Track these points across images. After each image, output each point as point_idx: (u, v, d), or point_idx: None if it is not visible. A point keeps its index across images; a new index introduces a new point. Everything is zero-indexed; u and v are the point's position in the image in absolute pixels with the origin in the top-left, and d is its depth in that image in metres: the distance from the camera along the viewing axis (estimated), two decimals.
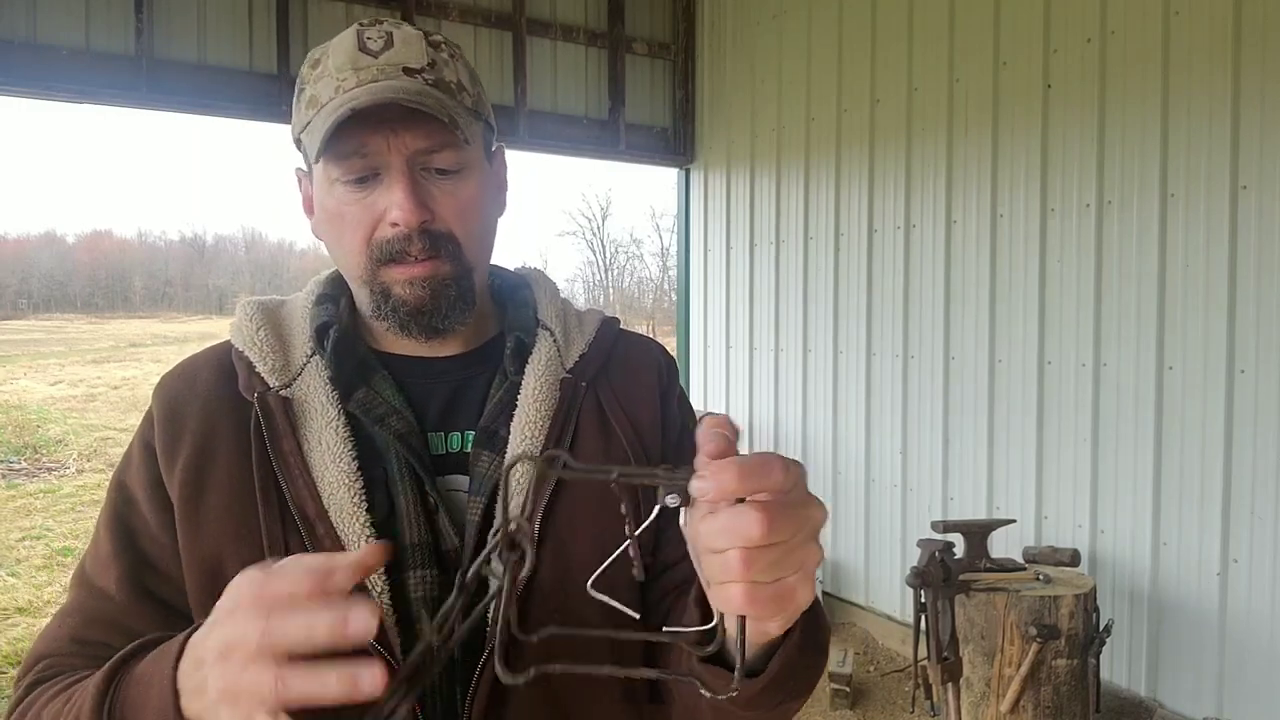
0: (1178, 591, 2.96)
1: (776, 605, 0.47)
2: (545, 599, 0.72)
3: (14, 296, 54.34)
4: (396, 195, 0.73)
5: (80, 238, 67.37)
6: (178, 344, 28.64)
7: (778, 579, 0.46)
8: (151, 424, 0.79)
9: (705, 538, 0.46)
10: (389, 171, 0.74)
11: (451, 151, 0.75)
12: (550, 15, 4.86)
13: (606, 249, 32.16)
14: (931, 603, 2.23)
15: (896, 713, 3.48)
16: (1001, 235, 3.51)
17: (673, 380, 0.91)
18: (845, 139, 4.24)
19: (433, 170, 0.76)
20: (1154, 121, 2.97)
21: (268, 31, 4.09)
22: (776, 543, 0.45)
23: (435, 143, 0.74)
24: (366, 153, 0.73)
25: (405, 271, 0.75)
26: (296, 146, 0.82)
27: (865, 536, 4.22)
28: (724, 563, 0.45)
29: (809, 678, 0.62)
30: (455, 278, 0.77)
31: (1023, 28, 3.39)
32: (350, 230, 0.76)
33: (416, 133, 0.73)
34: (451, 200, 0.76)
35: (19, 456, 9.90)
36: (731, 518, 0.45)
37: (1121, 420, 3.10)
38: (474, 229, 0.79)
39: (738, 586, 0.45)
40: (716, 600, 0.48)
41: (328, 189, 0.77)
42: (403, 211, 0.73)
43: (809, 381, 4.52)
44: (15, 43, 3.59)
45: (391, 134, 0.73)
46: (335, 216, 0.77)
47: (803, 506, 0.47)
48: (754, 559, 0.45)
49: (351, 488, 0.73)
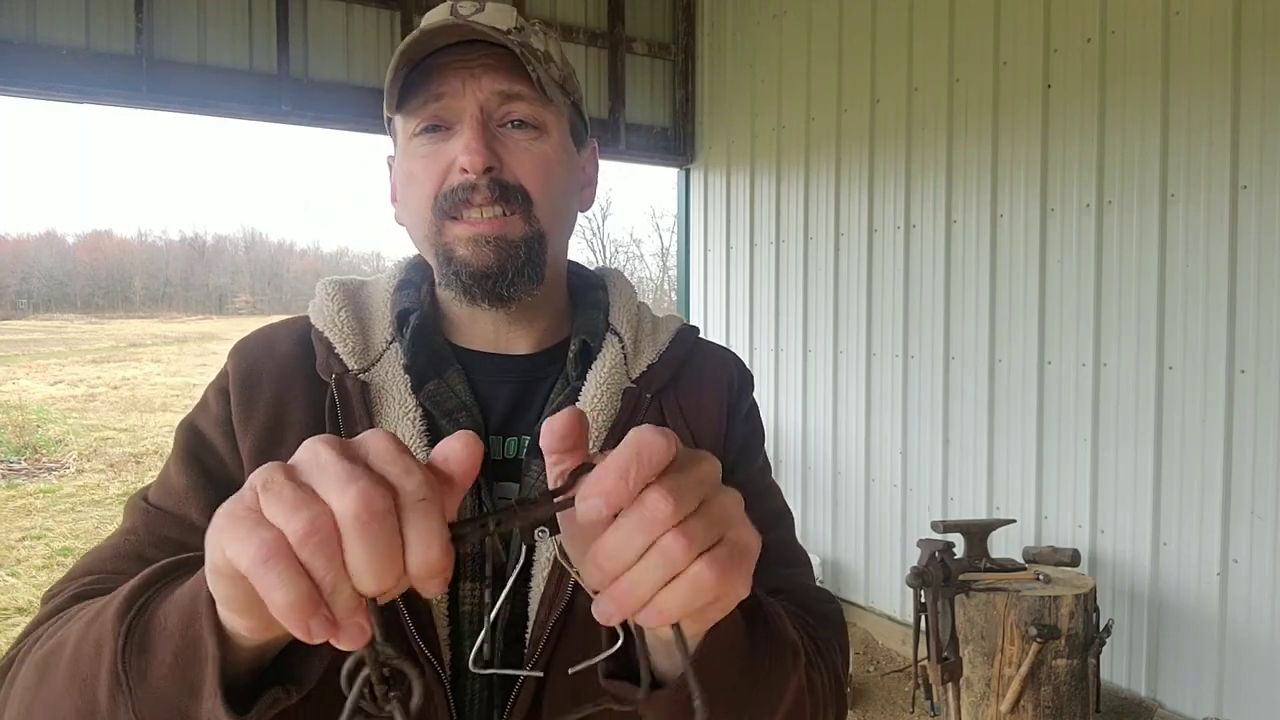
0: (1178, 592, 2.96)
1: (740, 559, 0.43)
2: (585, 621, 0.68)
3: (14, 296, 54.36)
4: (466, 137, 0.70)
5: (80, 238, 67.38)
6: (178, 344, 28.65)
7: (720, 536, 0.42)
8: (228, 378, 0.76)
9: (621, 552, 0.40)
10: (463, 119, 0.71)
11: (531, 104, 0.72)
12: (550, 15, 4.86)
13: (606, 249, 32.16)
14: (931, 603, 2.23)
15: (896, 713, 3.48)
16: (1001, 235, 3.51)
17: (743, 394, 0.86)
18: (845, 139, 4.24)
19: (510, 123, 0.72)
20: (1154, 121, 2.97)
21: (268, 31, 4.09)
22: (694, 510, 0.41)
23: (514, 88, 0.71)
24: (443, 93, 0.71)
25: (470, 229, 0.72)
26: (388, 128, 0.80)
27: (865, 536, 4.23)
28: (663, 559, 0.40)
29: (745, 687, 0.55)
30: (524, 240, 0.73)
31: (1023, 28, 3.39)
32: (420, 186, 0.73)
33: (497, 76, 0.71)
34: (527, 155, 0.72)
35: (19, 456, 9.90)
36: (637, 514, 0.40)
37: (1121, 420, 3.10)
38: (551, 190, 0.74)
39: (696, 565, 0.41)
40: (684, 607, 0.42)
41: (405, 148, 0.75)
42: (469, 154, 0.69)
43: (809, 381, 4.52)
44: (15, 43, 3.59)
45: (470, 76, 0.70)
46: (409, 176, 0.74)
47: (692, 464, 0.42)
48: (688, 532, 0.40)
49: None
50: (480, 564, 0.71)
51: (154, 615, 0.50)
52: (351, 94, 4.29)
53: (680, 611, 0.41)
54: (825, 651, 0.70)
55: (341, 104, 4.26)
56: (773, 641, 0.58)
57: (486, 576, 0.45)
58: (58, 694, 0.53)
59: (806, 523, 4.55)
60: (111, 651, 0.50)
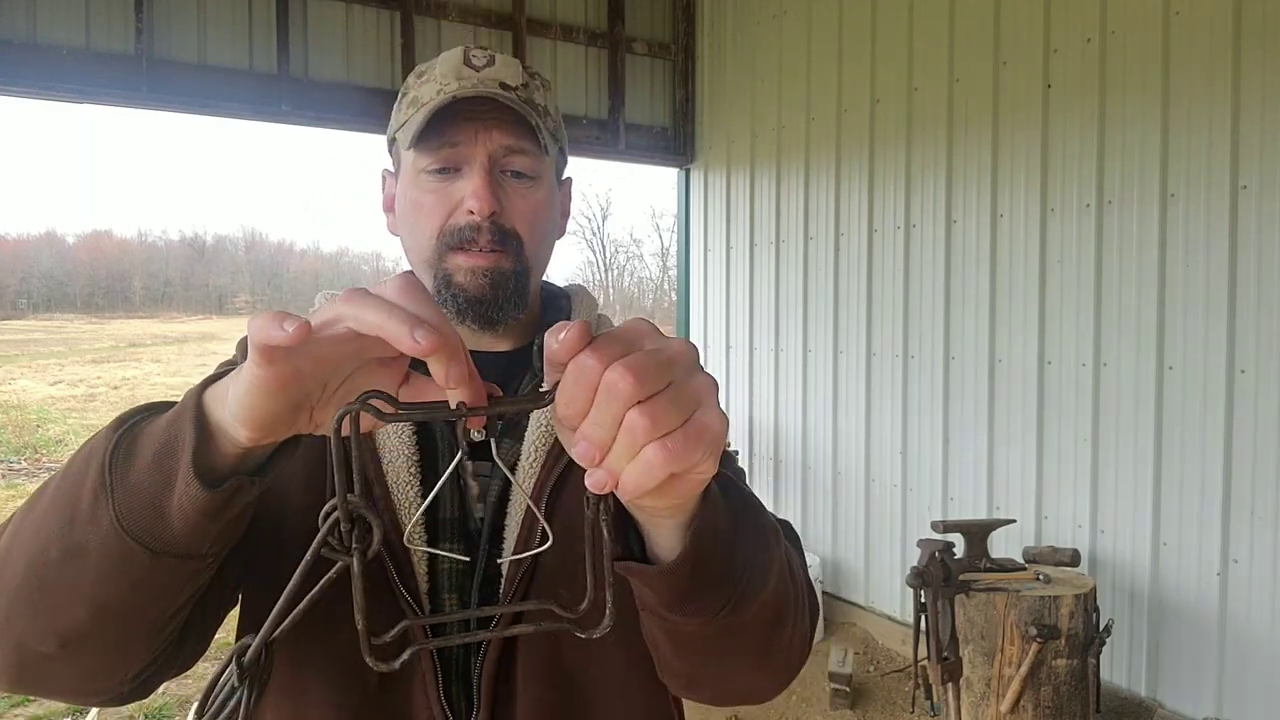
0: (1178, 592, 2.96)
1: (695, 443, 0.44)
2: (551, 577, 0.76)
3: (14, 296, 54.36)
4: (475, 183, 0.80)
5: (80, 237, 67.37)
6: (177, 344, 28.66)
7: (683, 421, 0.44)
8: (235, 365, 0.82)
9: (593, 428, 0.43)
10: (471, 166, 0.81)
11: (530, 158, 0.82)
12: (550, 15, 4.86)
13: (606, 249, 32.15)
14: (931, 603, 2.23)
15: (896, 713, 3.48)
16: (1001, 235, 3.51)
17: None
18: (845, 139, 4.24)
19: (509, 173, 0.82)
20: (1154, 121, 2.97)
21: (268, 31, 4.09)
22: (659, 390, 0.43)
23: (519, 144, 0.81)
24: (457, 142, 0.80)
25: (470, 260, 0.81)
26: (389, 148, 0.90)
27: (865, 536, 4.23)
28: (627, 435, 0.43)
29: (741, 566, 0.59)
30: (514, 274, 0.82)
31: (1023, 28, 3.39)
32: (426, 217, 0.83)
33: (505, 131, 0.81)
34: (522, 202, 0.83)
35: (19, 456, 9.91)
36: (602, 389, 0.43)
37: (1121, 420, 3.10)
38: (537, 233, 0.85)
39: (650, 447, 0.43)
40: (636, 485, 0.44)
41: (413, 179, 0.83)
42: (478, 200, 0.79)
43: (809, 381, 4.52)
44: (15, 43, 3.59)
45: (482, 128, 0.80)
46: (415, 205, 0.84)
47: (663, 348, 0.45)
48: (651, 410, 0.42)
49: (410, 459, 0.79)
50: (457, 527, 0.79)
51: (144, 428, 0.56)
52: (351, 94, 4.29)
53: (636, 488, 0.44)
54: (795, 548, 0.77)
55: (341, 104, 4.27)
56: (755, 521, 0.63)
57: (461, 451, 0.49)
58: (43, 512, 0.58)
59: (806, 523, 4.55)
60: (100, 459, 0.55)
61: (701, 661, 0.66)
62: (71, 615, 0.56)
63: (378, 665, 0.45)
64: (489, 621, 0.74)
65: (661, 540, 0.56)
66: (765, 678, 0.70)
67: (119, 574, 0.55)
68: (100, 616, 0.56)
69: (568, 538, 0.75)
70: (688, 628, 0.61)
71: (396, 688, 0.75)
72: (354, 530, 0.45)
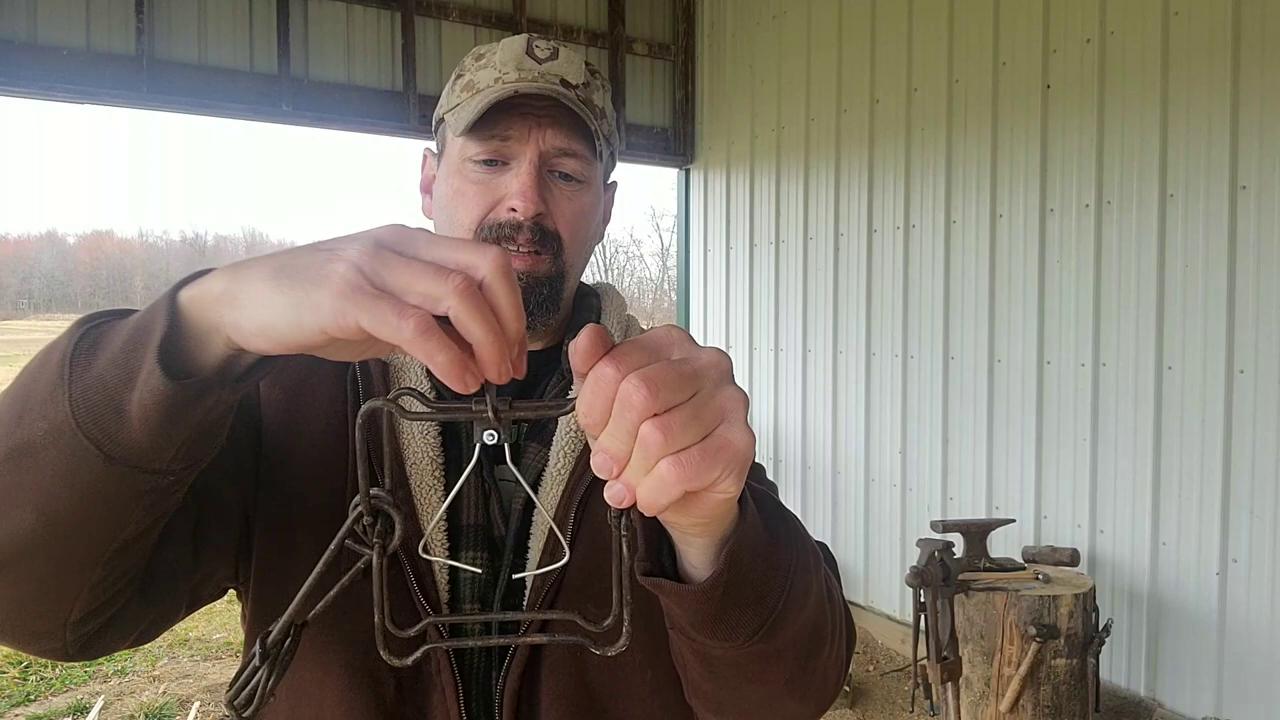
0: (1177, 591, 2.96)
1: (713, 460, 0.42)
2: (580, 589, 0.74)
3: (15, 296, 54.39)
4: (522, 181, 0.76)
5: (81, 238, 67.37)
6: None
7: (703, 436, 0.42)
8: None
9: (611, 439, 0.42)
10: (520, 162, 0.77)
11: (581, 162, 0.79)
12: (550, 15, 4.87)
13: (606, 249, 32.14)
14: (931, 602, 2.23)
15: (896, 712, 3.49)
16: (1001, 235, 3.51)
17: None
18: (845, 139, 4.24)
19: (557, 174, 0.79)
20: (1154, 121, 2.97)
21: (268, 31, 4.10)
22: (680, 403, 0.41)
23: (572, 146, 0.78)
24: (509, 136, 0.77)
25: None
26: (434, 128, 0.86)
27: (865, 536, 4.23)
28: (641, 448, 0.41)
29: (778, 590, 0.56)
30: (550, 279, 0.79)
31: (1023, 28, 3.40)
32: (467, 207, 0.79)
33: (559, 131, 0.77)
34: (568, 204, 0.79)
35: None
36: (618, 403, 0.41)
37: (1121, 420, 3.10)
38: (579, 238, 0.81)
39: (664, 463, 0.41)
40: (651, 501, 0.42)
41: (458, 166, 0.80)
42: (523, 200, 0.76)
43: (809, 381, 4.52)
44: (15, 43, 3.59)
45: (537, 125, 0.77)
46: (457, 193, 0.80)
47: (690, 359, 0.43)
48: (666, 423, 0.40)
49: (434, 461, 0.77)
50: (478, 535, 0.76)
51: (113, 324, 0.51)
52: (352, 94, 4.30)
53: (650, 504, 0.42)
54: (833, 571, 0.74)
55: (341, 104, 4.27)
56: (795, 543, 0.59)
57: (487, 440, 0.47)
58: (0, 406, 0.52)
59: (806, 523, 4.54)
60: (61, 350, 0.50)
61: (732, 686, 0.63)
62: (14, 522, 0.50)
63: (391, 659, 0.45)
64: (509, 630, 0.73)
65: (694, 558, 0.54)
66: (799, 705, 0.66)
67: (69, 478, 0.49)
68: (45, 527, 0.50)
69: (596, 549, 0.75)
70: (719, 650, 0.58)
71: (416, 702, 0.73)
72: (377, 524, 0.45)
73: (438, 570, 0.74)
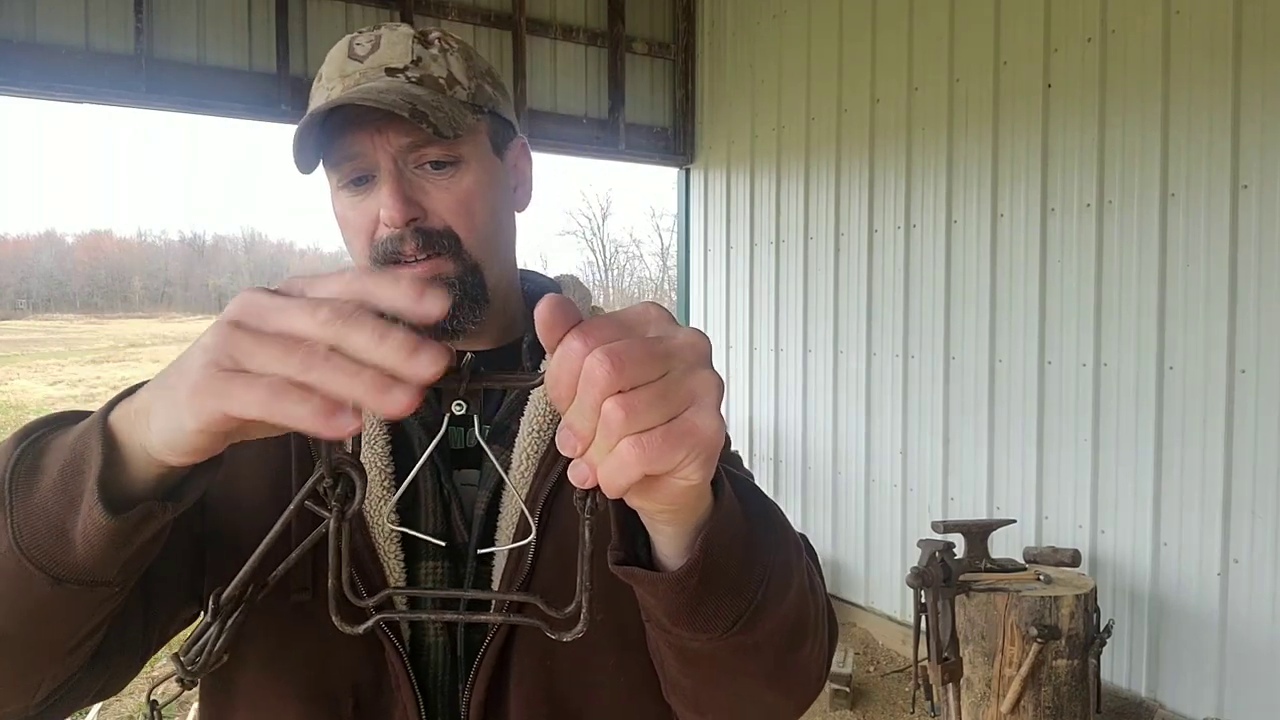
0: (1178, 592, 2.95)
1: (677, 444, 0.40)
2: (549, 587, 0.72)
3: (13, 296, 54.37)
4: (382, 195, 0.73)
5: (80, 237, 67.37)
6: (177, 344, 28.64)
7: (669, 418, 0.40)
8: None
9: (576, 416, 0.40)
10: (379, 173, 0.74)
11: (441, 145, 0.73)
12: (550, 15, 4.86)
13: (606, 249, 32.17)
14: (932, 603, 2.23)
15: (897, 713, 3.48)
16: (1001, 235, 3.51)
17: None
18: (845, 139, 4.24)
19: (426, 165, 0.74)
20: (1154, 121, 2.96)
21: (267, 31, 4.09)
22: (648, 381, 0.39)
23: (420, 137, 0.72)
24: (356, 154, 0.73)
25: (406, 271, 0.73)
26: None
27: (865, 536, 4.22)
28: (604, 429, 0.39)
29: (758, 580, 0.54)
30: (459, 276, 0.75)
31: (1023, 28, 3.39)
32: (354, 235, 0.76)
33: (401, 127, 0.72)
34: (445, 195, 0.74)
35: None
36: (582, 378, 0.39)
37: (1122, 420, 3.10)
38: (475, 223, 0.76)
39: (624, 443, 0.39)
40: (609, 482, 0.41)
41: (334, 195, 0.77)
42: (387, 210, 0.72)
43: (809, 381, 4.52)
44: (15, 43, 3.59)
45: (376, 133, 0.72)
46: (342, 222, 0.77)
47: (665, 337, 0.41)
48: (628, 402, 0.38)
49: (384, 471, 0.74)
50: (437, 545, 0.73)
51: (50, 442, 0.51)
52: None
53: (609, 485, 0.40)
54: (814, 563, 0.72)
55: None
56: (775, 531, 0.58)
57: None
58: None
59: (806, 523, 4.55)
60: (0, 471, 0.50)
61: (711, 680, 0.61)
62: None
63: (343, 626, 0.45)
64: (472, 648, 0.72)
65: (666, 547, 0.52)
66: (781, 701, 0.64)
67: (18, 601, 0.49)
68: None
69: (563, 541, 0.73)
70: (695, 643, 0.55)
71: (375, 718, 0.71)
72: (337, 486, 0.45)
73: (393, 583, 0.72)
